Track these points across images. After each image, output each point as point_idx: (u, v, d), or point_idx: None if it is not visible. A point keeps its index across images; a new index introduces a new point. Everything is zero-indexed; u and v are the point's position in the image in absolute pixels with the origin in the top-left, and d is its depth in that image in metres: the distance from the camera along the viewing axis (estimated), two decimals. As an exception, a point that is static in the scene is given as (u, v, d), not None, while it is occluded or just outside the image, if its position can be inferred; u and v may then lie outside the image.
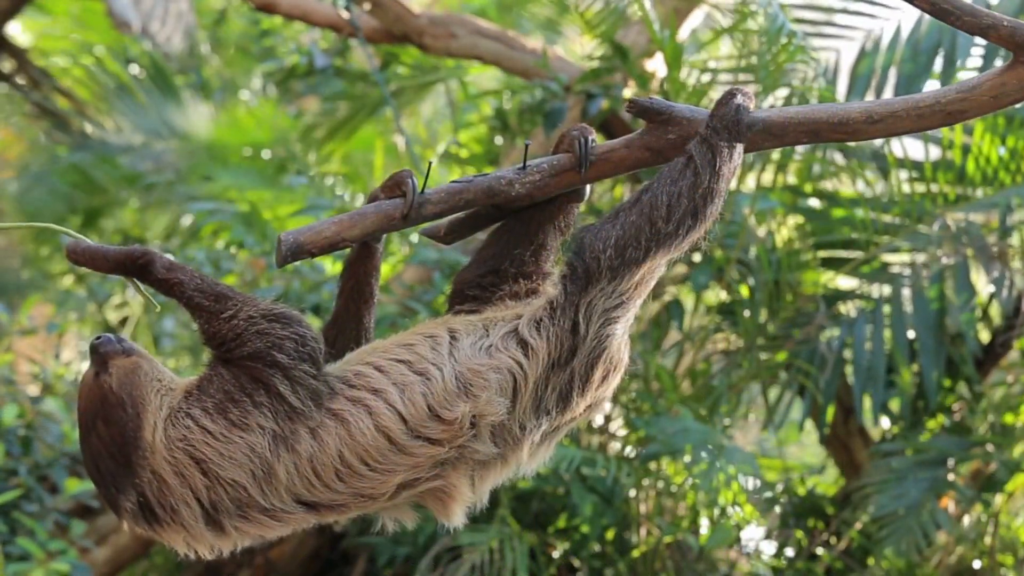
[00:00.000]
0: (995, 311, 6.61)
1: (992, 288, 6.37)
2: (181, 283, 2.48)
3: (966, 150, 6.29)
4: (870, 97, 6.48)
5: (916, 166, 6.49)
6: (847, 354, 6.47)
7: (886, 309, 6.37)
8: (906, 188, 6.51)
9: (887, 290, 6.46)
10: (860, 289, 6.64)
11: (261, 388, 2.43)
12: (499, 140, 7.45)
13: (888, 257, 6.58)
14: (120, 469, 2.44)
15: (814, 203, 6.83)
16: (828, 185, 6.82)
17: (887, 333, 6.36)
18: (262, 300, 2.50)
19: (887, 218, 6.48)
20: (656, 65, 7.07)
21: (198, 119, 9.26)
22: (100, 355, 2.52)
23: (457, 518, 2.59)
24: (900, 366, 6.30)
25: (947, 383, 6.48)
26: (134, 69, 9.62)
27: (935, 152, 6.50)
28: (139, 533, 2.50)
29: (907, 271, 6.46)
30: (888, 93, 6.51)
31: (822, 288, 6.65)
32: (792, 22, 6.22)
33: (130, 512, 2.45)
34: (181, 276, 2.49)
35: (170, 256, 2.54)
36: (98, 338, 2.55)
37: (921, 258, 6.44)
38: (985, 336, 6.64)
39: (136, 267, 2.49)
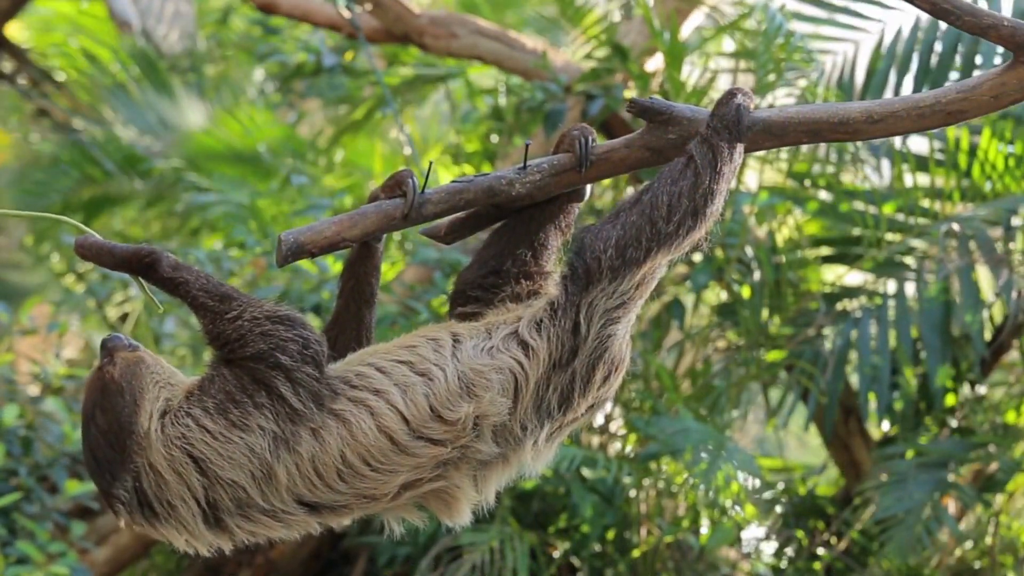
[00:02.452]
0: (997, 311, 6.60)
1: (996, 289, 6.36)
2: (187, 282, 2.49)
3: (972, 151, 6.26)
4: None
5: (920, 162, 6.47)
6: (851, 354, 6.46)
7: (891, 304, 6.35)
8: (908, 181, 6.48)
9: (891, 289, 6.44)
10: (865, 285, 6.63)
11: (263, 390, 2.44)
12: (495, 139, 7.45)
13: (892, 258, 6.56)
14: (115, 456, 2.45)
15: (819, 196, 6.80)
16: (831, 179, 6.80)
17: (891, 333, 6.34)
18: (267, 302, 2.51)
19: (889, 212, 6.46)
20: (656, 65, 7.07)
21: (194, 117, 9.25)
22: (107, 349, 2.56)
23: (461, 518, 2.59)
24: (904, 366, 6.29)
25: (949, 384, 6.48)
26: (131, 68, 9.62)
27: (939, 146, 6.45)
28: (137, 529, 2.51)
29: (912, 268, 6.44)
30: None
31: (828, 286, 6.65)
32: (799, 19, 6.20)
33: (126, 504, 2.46)
34: (187, 275, 2.50)
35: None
36: (109, 336, 2.59)
37: (929, 253, 6.41)
38: (987, 336, 6.63)
39: (142, 265, 2.50)
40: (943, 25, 6.09)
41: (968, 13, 2.49)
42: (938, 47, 6.20)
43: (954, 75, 6.11)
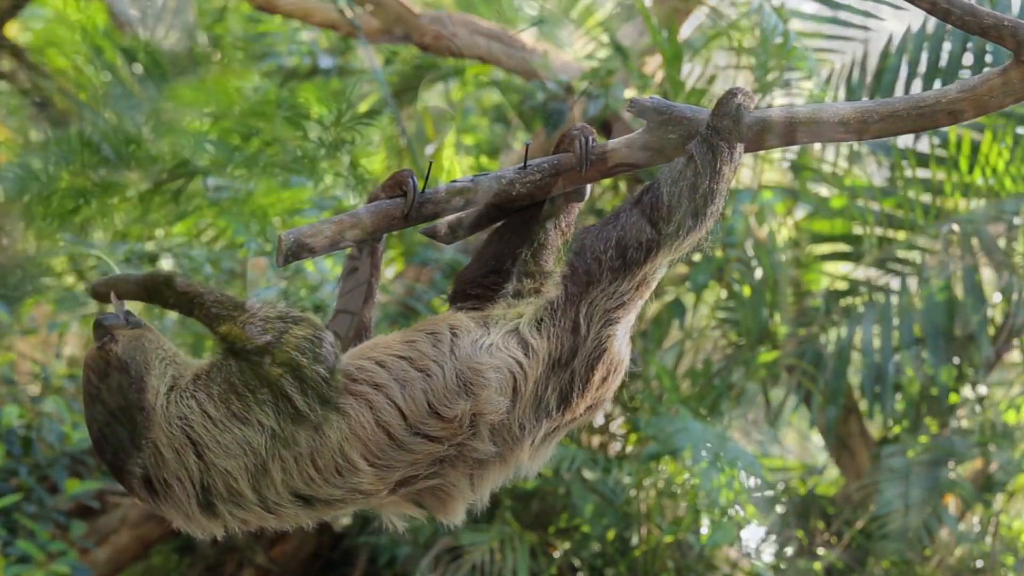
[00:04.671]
0: (997, 311, 6.60)
1: (998, 288, 6.36)
2: (201, 295, 2.55)
3: (974, 149, 6.24)
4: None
5: (920, 159, 6.46)
6: (852, 354, 6.45)
7: (893, 304, 6.34)
8: (908, 176, 6.47)
9: (894, 289, 6.43)
10: (869, 281, 6.62)
11: (266, 387, 2.45)
12: (495, 136, 7.45)
13: (894, 254, 6.55)
14: (126, 433, 2.47)
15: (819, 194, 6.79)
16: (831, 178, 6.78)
17: (893, 333, 6.33)
18: (280, 304, 2.54)
19: (888, 206, 6.44)
20: (656, 65, 7.07)
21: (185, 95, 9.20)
22: (104, 328, 2.58)
23: (456, 517, 2.60)
24: (905, 365, 6.29)
25: (951, 383, 6.47)
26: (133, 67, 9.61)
27: (939, 143, 6.44)
28: (141, 504, 2.55)
29: (913, 263, 6.44)
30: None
31: (830, 280, 6.63)
32: (803, 18, 6.19)
33: (137, 482, 2.48)
34: (200, 290, 2.57)
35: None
36: (101, 314, 2.61)
37: (931, 254, 6.41)
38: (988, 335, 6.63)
39: (157, 285, 2.57)
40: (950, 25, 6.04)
41: (968, 13, 2.49)
42: (947, 47, 6.14)
43: (964, 74, 6.07)
